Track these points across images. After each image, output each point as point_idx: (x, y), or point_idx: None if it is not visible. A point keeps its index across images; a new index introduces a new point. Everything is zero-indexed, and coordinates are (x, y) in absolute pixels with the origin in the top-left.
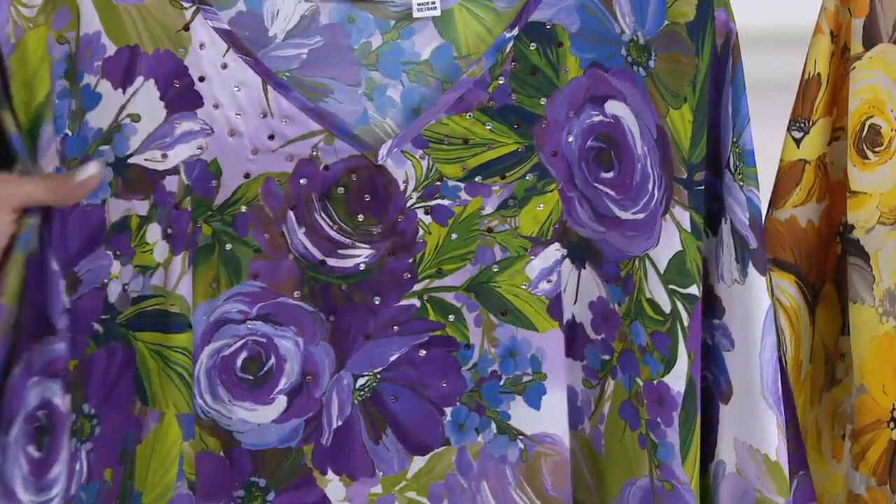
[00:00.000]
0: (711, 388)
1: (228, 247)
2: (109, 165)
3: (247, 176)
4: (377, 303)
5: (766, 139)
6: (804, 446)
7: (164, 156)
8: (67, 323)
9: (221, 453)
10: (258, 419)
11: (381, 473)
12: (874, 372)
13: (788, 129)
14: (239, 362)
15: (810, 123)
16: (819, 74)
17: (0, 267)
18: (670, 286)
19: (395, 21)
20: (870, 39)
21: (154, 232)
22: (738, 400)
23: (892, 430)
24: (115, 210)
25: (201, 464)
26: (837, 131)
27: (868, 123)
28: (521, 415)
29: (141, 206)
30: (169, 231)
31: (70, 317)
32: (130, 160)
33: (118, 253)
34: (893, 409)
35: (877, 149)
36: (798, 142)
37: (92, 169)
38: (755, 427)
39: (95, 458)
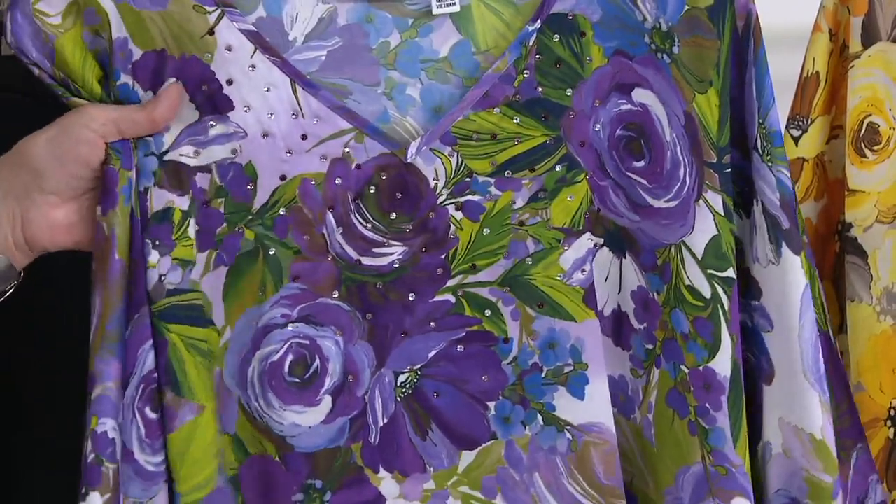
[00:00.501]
0: (754, 369)
1: (272, 251)
2: (153, 155)
3: (283, 178)
4: (412, 299)
5: None
6: (859, 418)
7: (197, 153)
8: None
9: (277, 458)
10: (308, 422)
11: (431, 469)
12: (871, 370)
13: (787, 128)
14: (286, 366)
15: (809, 122)
16: (818, 73)
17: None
18: (709, 271)
19: (414, 19)
20: (869, 38)
21: (193, 227)
22: (781, 380)
23: (889, 428)
24: (157, 200)
25: (260, 467)
26: (836, 129)
27: (866, 122)
28: (565, 405)
29: (182, 201)
30: (196, 228)
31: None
32: (166, 157)
33: (157, 243)
34: (890, 407)
35: (875, 147)
36: (796, 140)
37: (167, 96)
38: (799, 407)
39: None
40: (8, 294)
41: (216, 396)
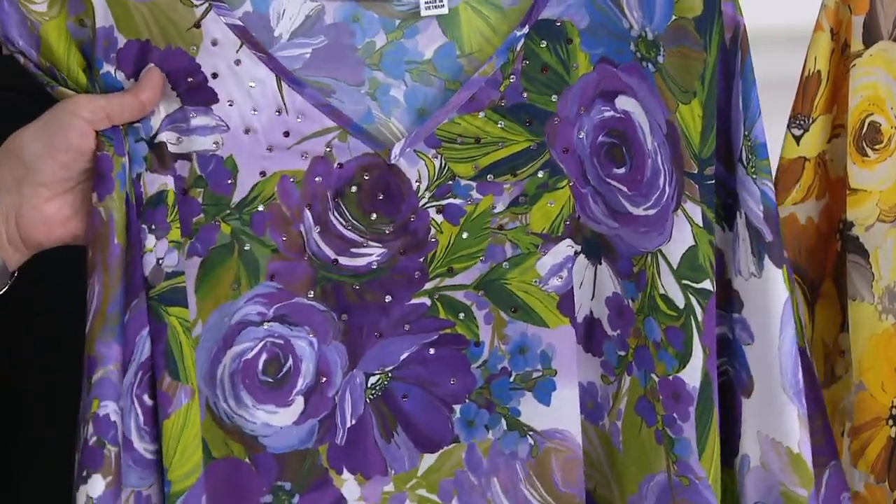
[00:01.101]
0: (733, 382)
1: (247, 247)
2: (143, 140)
3: (262, 174)
4: (388, 301)
5: (767, 137)
6: (833, 436)
7: (179, 139)
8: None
9: (247, 460)
10: (280, 422)
11: (393, 472)
12: (873, 369)
13: (788, 127)
14: (260, 365)
15: (810, 121)
16: (819, 72)
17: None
18: (683, 281)
19: (401, 20)
20: (870, 37)
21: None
22: (760, 393)
23: (891, 427)
24: (150, 184)
25: (226, 470)
26: (837, 129)
27: (868, 121)
28: (531, 411)
29: (172, 182)
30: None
31: None
32: (156, 140)
33: (153, 227)
34: (892, 406)
35: (876, 146)
36: (798, 139)
37: (149, 79)
38: (776, 420)
39: None
40: (1, 294)
41: None
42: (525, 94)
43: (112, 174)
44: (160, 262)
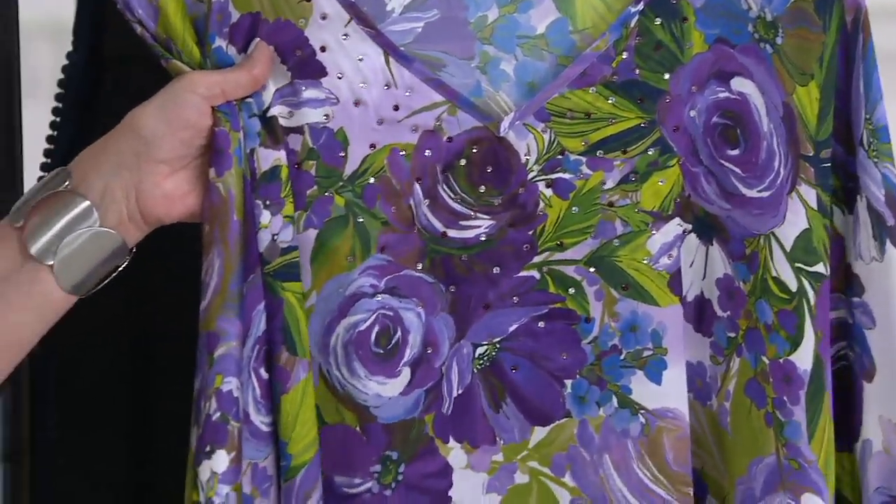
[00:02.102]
0: (854, 366)
1: (360, 219)
2: (256, 116)
3: (373, 146)
4: (497, 273)
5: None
6: None
7: (291, 114)
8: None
9: (357, 428)
10: (389, 393)
11: (501, 441)
12: None
13: None
14: (373, 337)
15: None
16: None
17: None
18: (796, 264)
19: None
20: None
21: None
22: (883, 377)
23: None
24: (264, 160)
25: (338, 437)
26: None
27: None
28: (642, 389)
29: (286, 158)
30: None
31: None
32: (268, 114)
33: (268, 202)
34: None
35: None
36: None
37: (259, 54)
38: None
39: None
40: (120, 270)
41: None
42: (637, 71)
43: (230, 150)
44: (275, 237)
